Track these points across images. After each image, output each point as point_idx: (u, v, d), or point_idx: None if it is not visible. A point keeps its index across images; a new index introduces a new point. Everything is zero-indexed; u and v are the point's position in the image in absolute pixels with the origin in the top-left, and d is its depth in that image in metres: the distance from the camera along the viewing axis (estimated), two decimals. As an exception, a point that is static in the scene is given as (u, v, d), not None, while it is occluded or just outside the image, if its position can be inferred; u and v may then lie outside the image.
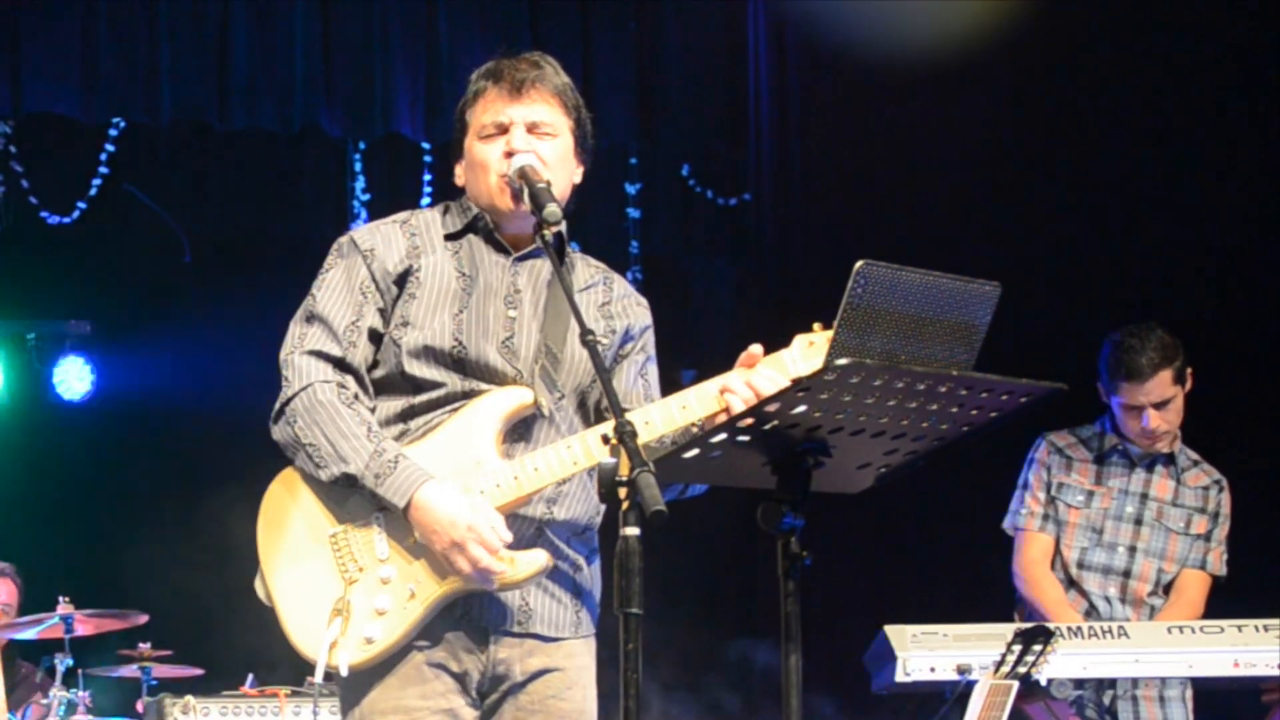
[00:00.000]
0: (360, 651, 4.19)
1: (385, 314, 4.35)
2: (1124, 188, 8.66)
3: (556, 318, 4.34)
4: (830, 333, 4.04)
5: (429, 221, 4.47)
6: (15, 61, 9.22)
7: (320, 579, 4.24)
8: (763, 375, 4.12)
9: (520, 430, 4.28)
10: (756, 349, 4.17)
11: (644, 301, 4.60)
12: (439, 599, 4.19)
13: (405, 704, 4.22)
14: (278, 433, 4.31)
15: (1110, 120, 8.68)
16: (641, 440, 4.05)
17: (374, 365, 4.37)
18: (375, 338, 4.35)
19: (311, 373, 4.28)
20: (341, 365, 4.31)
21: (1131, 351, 6.54)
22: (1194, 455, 6.79)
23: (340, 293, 4.36)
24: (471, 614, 4.24)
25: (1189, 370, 6.61)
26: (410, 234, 4.41)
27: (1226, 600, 6.63)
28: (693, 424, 4.18)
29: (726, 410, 4.10)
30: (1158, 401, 6.55)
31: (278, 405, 4.30)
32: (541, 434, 4.28)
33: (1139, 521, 6.67)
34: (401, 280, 4.35)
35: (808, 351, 4.16)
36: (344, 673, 4.18)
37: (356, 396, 4.29)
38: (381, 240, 4.40)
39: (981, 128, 8.81)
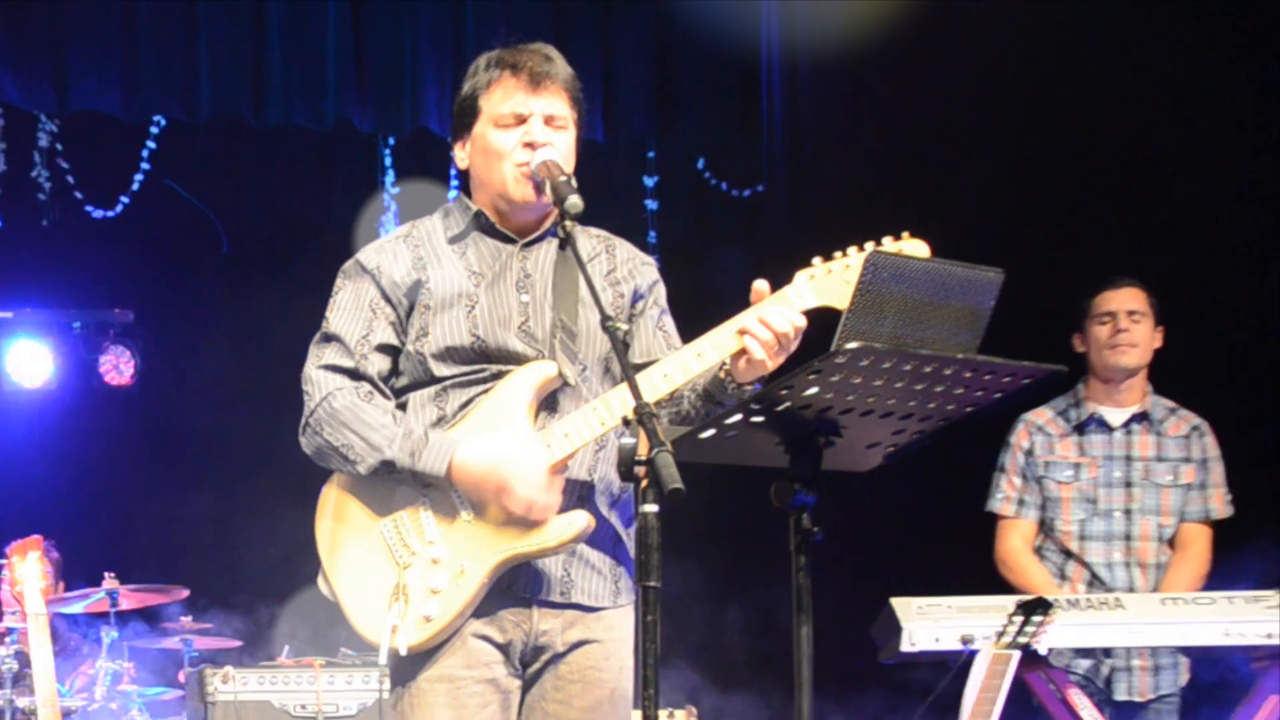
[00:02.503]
0: (420, 631, 4.20)
1: (398, 326, 4.35)
2: (1115, 182, 8.66)
3: (566, 294, 4.32)
4: (830, 264, 4.08)
5: (430, 230, 4.44)
6: (60, 62, 9.24)
7: (377, 568, 4.25)
8: (771, 310, 4.09)
9: (550, 402, 4.27)
10: (762, 284, 4.15)
11: (649, 260, 4.58)
12: (490, 573, 4.18)
13: (451, 673, 4.22)
14: (306, 444, 4.34)
15: (1104, 116, 8.68)
16: (665, 390, 4.12)
17: (396, 375, 4.38)
18: (388, 350, 4.36)
19: (328, 384, 4.30)
20: (355, 375, 4.32)
21: (1109, 276, 6.79)
22: (1168, 403, 6.79)
23: (350, 311, 4.37)
24: (516, 586, 4.24)
25: (1160, 327, 6.74)
26: (414, 246, 4.40)
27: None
28: (714, 367, 4.17)
29: (744, 351, 4.08)
30: (1130, 309, 6.67)
31: (303, 420, 4.33)
32: (570, 405, 4.27)
33: (1129, 484, 6.67)
34: (413, 292, 4.34)
35: (811, 284, 4.11)
36: (403, 653, 4.19)
37: (371, 394, 4.31)
38: (388, 257, 4.39)
39: (983, 120, 8.80)
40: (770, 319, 4.07)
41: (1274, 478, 7.74)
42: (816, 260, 4.15)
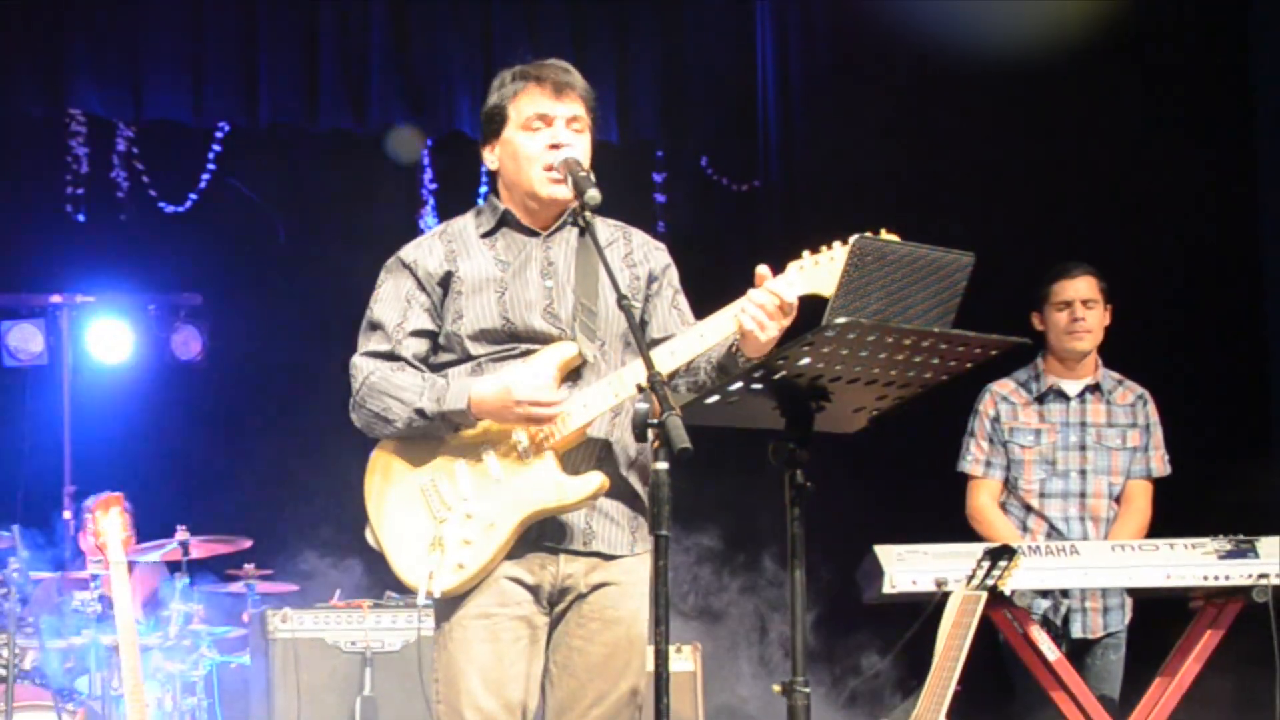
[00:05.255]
0: (454, 576, 4.22)
1: (433, 312, 4.38)
2: (1071, 176, 8.66)
3: (586, 278, 4.34)
4: (817, 256, 4.09)
5: (463, 227, 4.47)
6: (136, 76, 9.27)
7: (417, 522, 4.27)
8: (758, 293, 4.12)
9: (573, 377, 4.29)
10: (763, 269, 4.17)
11: (661, 245, 4.59)
12: (516, 525, 4.20)
13: (487, 610, 4.25)
14: (356, 419, 4.38)
15: (1064, 115, 8.69)
16: (672, 366, 4.15)
17: (436, 352, 4.40)
18: (424, 334, 4.38)
19: (368, 367, 4.34)
20: (392, 357, 4.35)
21: (1065, 264, 6.76)
22: (1116, 375, 6.80)
23: (390, 302, 4.39)
24: (543, 536, 4.26)
25: (1110, 305, 6.73)
26: (447, 241, 4.42)
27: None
28: (713, 346, 4.20)
29: (739, 329, 4.12)
30: (1085, 298, 6.65)
31: (351, 400, 4.37)
32: (591, 378, 4.28)
33: (1083, 447, 6.67)
34: (445, 282, 4.36)
35: (800, 274, 4.14)
36: (438, 595, 4.22)
37: (403, 366, 4.34)
38: (424, 252, 4.41)
39: (952, 118, 8.80)
40: (758, 299, 4.10)
41: (1202, 440, 7.74)
42: (806, 253, 4.17)
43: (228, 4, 9.27)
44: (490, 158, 4.47)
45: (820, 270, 4.10)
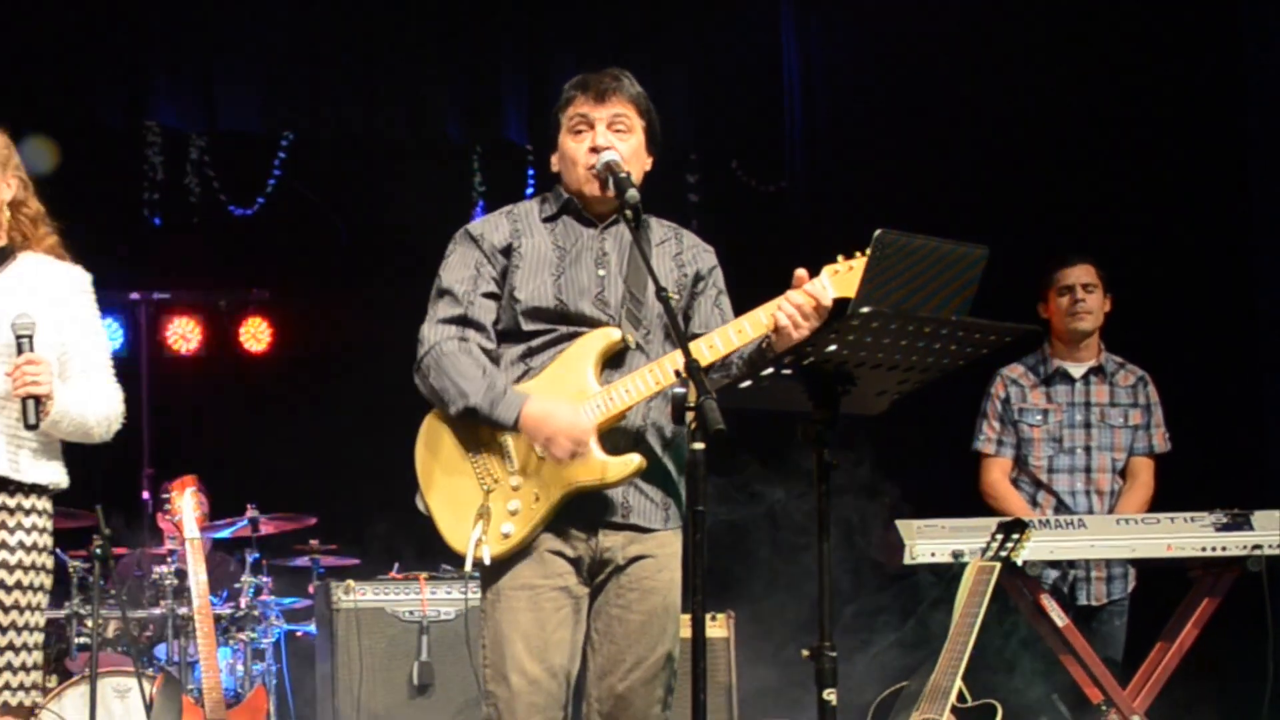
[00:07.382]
0: (500, 545, 4.20)
1: (498, 281, 4.35)
2: (1078, 177, 8.61)
3: (636, 270, 4.33)
4: (850, 261, 4.06)
5: (528, 210, 4.46)
6: (210, 91, 9.32)
7: (465, 491, 4.25)
8: (796, 294, 4.09)
9: (616, 361, 4.27)
10: (802, 271, 4.14)
11: (709, 248, 4.57)
12: (560, 499, 4.18)
13: (531, 582, 4.22)
14: (418, 384, 4.33)
15: (1072, 119, 8.65)
16: (710, 358, 4.12)
17: (497, 320, 4.36)
18: (492, 297, 4.34)
19: (437, 334, 4.30)
20: (463, 321, 4.31)
21: (1065, 254, 6.76)
22: (1118, 359, 6.77)
23: (459, 269, 4.36)
24: (584, 511, 4.23)
25: (1110, 295, 6.70)
26: (513, 220, 4.41)
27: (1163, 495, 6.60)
28: (749, 342, 4.17)
29: (778, 327, 4.08)
30: (1085, 282, 6.64)
31: (416, 364, 4.33)
32: (633, 363, 4.27)
33: (1088, 425, 6.64)
34: (507, 253, 4.35)
35: (834, 279, 4.10)
36: (487, 562, 4.20)
37: (471, 348, 4.29)
38: (489, 227, 4.41)
39: (967, 120, 8.77)
40: (796, 300, 4.08)
41: (1200, 418, 7.69)
42: (840, 258, 4.13)
43: (293, 24, 9.31)
44: (554, 162, 4.48)
45: (852, 275, 4.05)
